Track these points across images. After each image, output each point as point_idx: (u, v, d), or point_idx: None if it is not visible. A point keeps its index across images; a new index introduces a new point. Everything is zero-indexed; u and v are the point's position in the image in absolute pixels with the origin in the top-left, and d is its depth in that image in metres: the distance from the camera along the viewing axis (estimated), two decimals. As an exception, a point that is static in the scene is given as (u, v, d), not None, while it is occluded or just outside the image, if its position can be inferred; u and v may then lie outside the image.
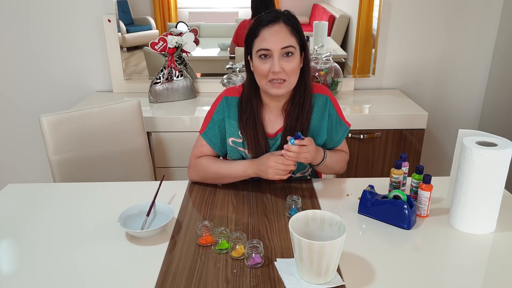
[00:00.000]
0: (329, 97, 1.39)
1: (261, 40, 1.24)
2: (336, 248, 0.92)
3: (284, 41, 1.23)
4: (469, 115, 2.65)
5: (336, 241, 0.90)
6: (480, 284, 0.97)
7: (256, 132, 1.34)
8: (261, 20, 1.26)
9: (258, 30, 1.25)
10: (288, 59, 1.25)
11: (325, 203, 1.31)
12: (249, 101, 1.35)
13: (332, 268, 0.95)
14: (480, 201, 1.11)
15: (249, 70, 1.34)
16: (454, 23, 2.44)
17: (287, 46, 1.23)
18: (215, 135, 1.40)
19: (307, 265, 0.93)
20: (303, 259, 0.93)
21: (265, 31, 1.24)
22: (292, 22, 1.27)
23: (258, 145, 1.35)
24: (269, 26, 1.24)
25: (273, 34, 1.23)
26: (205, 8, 2.50)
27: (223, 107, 1.38)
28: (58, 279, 0.99)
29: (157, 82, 2.29)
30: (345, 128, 1.43)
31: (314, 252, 0.90)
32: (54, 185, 1.48)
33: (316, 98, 1.37)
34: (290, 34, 1.25)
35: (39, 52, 2.41)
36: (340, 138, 1.43)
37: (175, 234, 1.16)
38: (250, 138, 1.35)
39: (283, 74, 1.25)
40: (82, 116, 1.74)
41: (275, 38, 1.23)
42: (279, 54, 1.24)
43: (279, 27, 1.24)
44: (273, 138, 1.38)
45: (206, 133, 1.40)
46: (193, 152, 1.43)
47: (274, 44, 1.23)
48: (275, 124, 1.38)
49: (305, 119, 1.34)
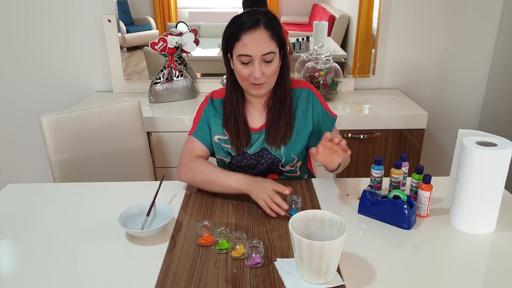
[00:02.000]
0: (311, 90, 1.42)
1: (242, 45, 1.25)
2: (336, 248, 0.92)
3: (265, 47, 1.25)
4: (469, 115, 2.65)
5: (336, 241, 0.90)
6: (480, 284, 0.97)
7: (237, 126, 1.38)
8: (242, 24, 1.26)
9: (239, 34, 1.26)
10: (268, 64, 1.28)
11: (325, 203, 1.31)
12: (230, 97, 1.38)
13: (332, 268, 0.95)
14: (480, 201, 1.11)
15: (229, 67, 1.36)
16: (454, 23, 2.44)
17: (268, 52, 1.25)
18: (205, 133, 1.42)
19: (307, 265, 0.93)
20: (303, 259, 0.93)
21: (246, 37, 1.25)
22: (273, 26, 1.27)
23: (239, 138, 1.39)
24: (250, 31, 1.25)
25: (254, 40, 1.24)
26: (205, 8, 2.51)
27: (209, 107, 1.43)
28: (58, 279, 0.99)
29: (157, 82, 2.29)
30: (332, 119, 1.44)
31: (314, 252, 0.90)
32: (54, 185, 1.48)
33: (299, 92, 1.41)
34: (270, 39, 1.26)
35: (39, 52, 2.41)
36: (329, 128, 1.44)
37: (175, 234, 1.16)
38: (231, 132, 1.39)
39: (263, 78, 1.28)
40: (82, 116, 1.74)
41: (256, 44, 1.24)
42: (260, 60, 1.26)
43: (259, 32, 1.25)
44: (258, 132, 1.41)
45: (197, 132, 1.42)
46: (184, 150, 1.43)
47: (255, 51, 1.24)
48: (259, 119, 1.42)
49: (287, 114, 1.37)
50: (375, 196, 1.22)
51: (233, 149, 1.41)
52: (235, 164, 1.45)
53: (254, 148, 1.42)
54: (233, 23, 1.28)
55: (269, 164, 1.44)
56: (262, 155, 1.42)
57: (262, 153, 1.42)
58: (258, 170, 1.45)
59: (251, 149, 1.42)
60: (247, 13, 1.28)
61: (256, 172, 1.46)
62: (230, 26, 1.29)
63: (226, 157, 1.45)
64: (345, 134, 2.13)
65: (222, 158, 1.46)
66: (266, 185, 1.22)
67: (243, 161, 1.44)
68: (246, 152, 1.42)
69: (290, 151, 1.41)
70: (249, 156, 1.43)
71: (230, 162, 1.46)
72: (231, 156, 1.44)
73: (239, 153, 1.42)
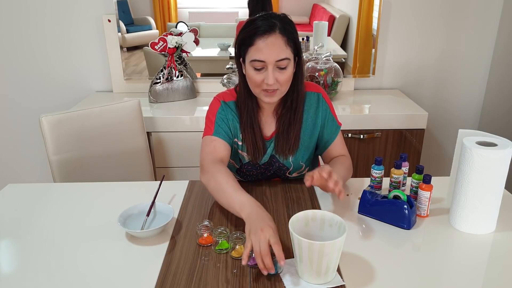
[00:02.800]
0: (321, 94, 1.38)
1: (256, 50, 1.19)
2: (336, 248, 0.92)
3: (279, 54, 1.19)
4: (469, 115, 2.65)
5: (336, 241, 0.90)
6: (480, 284, 0.97)
7: (254, 134, 1.33)
8: (256, 29, 1.20)
9: (253, 39, 1.20)
10: (282, 71, 1.22)
11: (325, 203, 1.30)
12: (246, 104, 1.33)
13: (332, 268, 0.95)
14: (480, 201, 1.11)
15: (241, 73, 1.31)
16: (454, 23, 2.44)
17: (283, 59, 1.19)
18: (226, 131, 1.33)
19: (307, 265, 0.93)
20: (303, 259, 0.93)
21: (260, 42, 1.19)
22: (289, 32, 1.21)
23: (256, 147, 1.34)
24: (265, 36, 1.18)
25: (269, 45, 1.18)
26: (205, 8, 2.51)
27: (224, 108, 1.35)
28: (58, 279, 0.99)
29: (157, 82, 2.29)
30: (336, 126, 1.40)
31: (314, 252, 0.90)
32: (54, 185, 1.48)
33: (308, 96, 1.37)
34: (286, 45, 1.20)
35: (39, 52, 2.41)
36: (332, 136, 1.39)
37: (175, 234, 1.16)
38: (248, 140, 1.34)
39: (276, 84, 1.23)
40: (82, 116, 1.73)
41: (270, 50, 1.18)
42: (274, 66, 1.20)
43: (275, 38, 1.19)
44: (269, 140, 1.38)
45: (217, 130, 1.32)
46: (204, 152, 1.30)
47: (269, 57, 1.19)
48: (270, 126, 1.38)
49: (297, 123, 1.33)
50: (375, 196, 1.22)
51: (249, 157, 1.37)
52: (243, 172, 1.43)
53: (265, 157, 1.38)
54: (247, 27, 1.22)
55: (276, 171, 1.42)
56: (271, 163, 1.40)
57: (271, 161, 1.39)
58: (265, 176, 1.44)
59: (262, 159, 1.39)
60: (262, 17, 1.21)
61: (262, 178, 1.44)
62: (244, 30, 1.23)
63: (236, 163, 1.42)
64: (345, 134, 2.13)
65: (232, 162, 1.42)
66: (265, 232, 0.98)
67: (252, 170, 1.42)
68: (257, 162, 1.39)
69: (298, 159, 1.39)
70: (259, 166, 1.40)
71: (239, 169, 1.43)
72: (241, 163, 1.41)
73: (255, 162, 1.38)
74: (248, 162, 1.39)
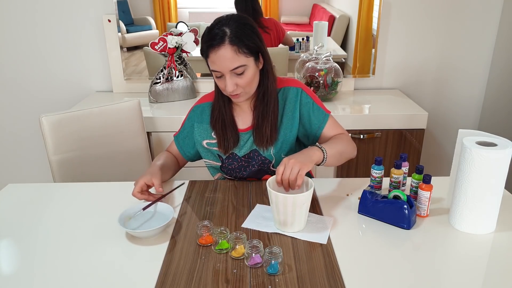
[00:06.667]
0: (300, 88, 1.39)
1: (211, 62, 1.25)
2: (298, 203, 1.09)
3: (232, 63, 1.22)
4: (469, 115, 2.65)
5: (298, 196, 1.08)
6: (480, 284, 0.97)
7: (225, 128, 1.38)
8: (208, 41, 1.23)
9: (207, 51, 1.24)
10: (241, 75, 1.25)
11: (325, 203, 1.31)
12: (218, 101, 1.39)
13: (297, 220, 1.13)
14: (480, 201, 1.11)
15: None
16: (454, 23, 2.44)
17: (236, 67, 1.23)
18: (183, 139, 1.48)
19: (275, 213, 1.14)
20: (273, 210, 1.14)
21: (212, 54, 1.23)
22: (239, 39, 1.22)
23: (226, 139, 1.39)
24: (215, 49, 1.22)
25: (220, 58, 1.22)
26: (205, 8, 2.51)
27: (194, 114, 1.46)
28: (58, 279, 0.99)
29: (157, 82, 2.29)
30: (324, 114, 1.40)
31: (279, 203, 1.10)
32: (54, 185, 1.48)
33: (287, 91, 1.39)
34: (237, 53, 1.22)
35: (39, 52, 2.41)
36: (320, 125, 1.39)
37: (175, 234, 1.16)
38: (219, 134, 1.39)
39: (238, 88, 1.27)
40: (82, 116, 1.74)
41: (221, 62, 1.22)
42: (230, 74, 1.24)
43: (224, 50, 1.21)
44: (247, 132, 1.41)
45: (178, 137, 1.50)
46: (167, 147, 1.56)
47: (223, 68, 1.23)
48: (247, 120, 1.41)
49: (271, 116, 1.35)
50: (375, 196, 1.22)
51: (221, 151, 1.41)
52: (226, 167, 1.45)
53: (244, 150, 1.41)
54: (203, 37, 1.26)
55: (259, 165, 1.43)
56: (252, 156, 1.41)
57: (253, 154, 1.41)
58: (250, 171, 1.44)
59: (241, 151, 1.41)
60: (217, 25, 1.24)
61: (248, 173, 1.45)
62: (202, 39, 1.27)
63: (216, 161, 1.45)
64: (345, 134, 2.13)
65: (212, 162, 1.46)
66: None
67: (233, 163, 1.43)
68: (236, 154, 1.41)
69: (279, 152, 1.40)
70: (239, 158, 1.42)
71: (221, 166, 1.46)
72: (221, 159, 1.44)
73: (227, 154, 1.41)
74: (228, 156, 1.42)
